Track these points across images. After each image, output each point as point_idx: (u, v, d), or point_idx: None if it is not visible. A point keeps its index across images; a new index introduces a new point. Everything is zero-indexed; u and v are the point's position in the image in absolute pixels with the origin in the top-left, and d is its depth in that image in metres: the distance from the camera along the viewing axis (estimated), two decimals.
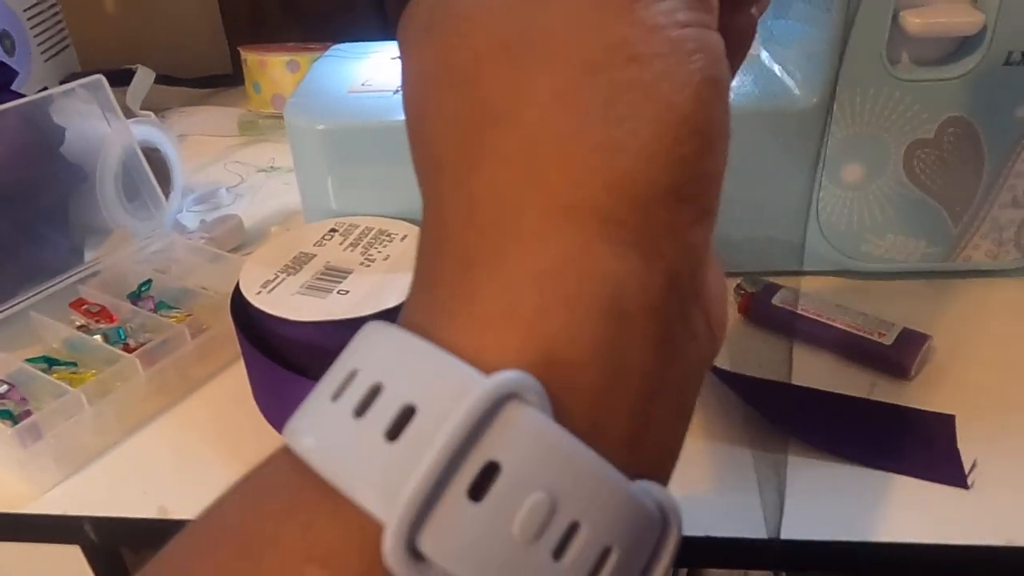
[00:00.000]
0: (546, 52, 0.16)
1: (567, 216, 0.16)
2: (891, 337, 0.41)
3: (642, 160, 0.16)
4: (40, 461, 0.37)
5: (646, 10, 0.16)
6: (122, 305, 0.46)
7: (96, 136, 0.51)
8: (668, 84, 0.16)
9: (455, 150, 0.17)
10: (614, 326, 0.16)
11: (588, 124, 0.16)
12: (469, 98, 0.17)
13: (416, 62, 0.18)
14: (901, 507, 0.33)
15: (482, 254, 0.16)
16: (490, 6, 0.17)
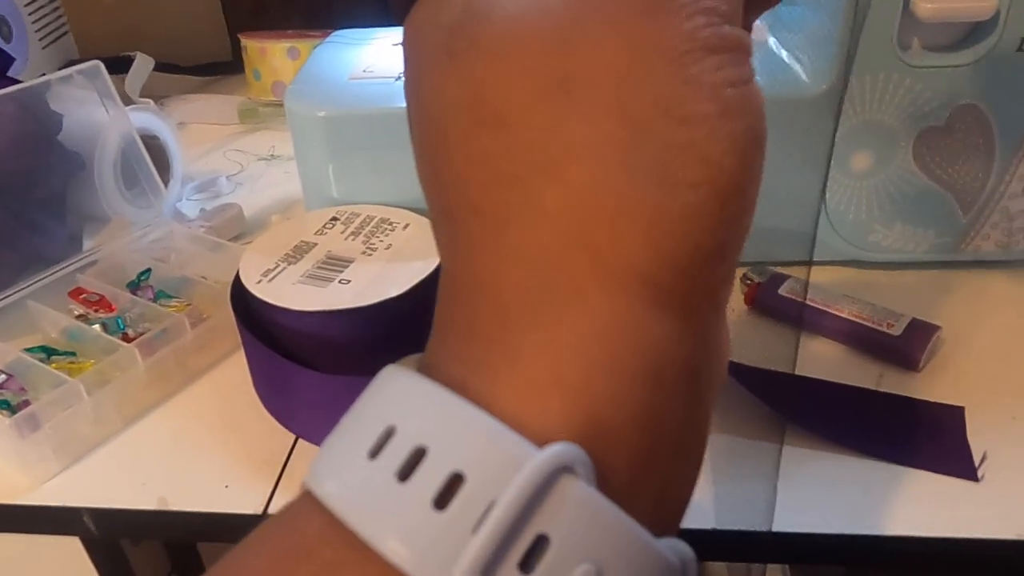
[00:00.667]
0: (589, 104, 0.16)
1: (612, 279, 0.16)
2: (900, 328, 0.40)
3: (689, 225, 0.16)
4: (38, 451, 0.36)
5: (696, 66, 0.16)
6: (121, 294, 0.45)
7: (94, 123, 0.51)
8: (717, 146, 0.16)
9: (492, 196, 0.17)
10: (654, 390, 0.16)
11: (636, 186, 0.16)
12: (504, 141, 0.16)
13: (436, 87, 0.17)
14: (910, 500, 0.33)
15: (523, 311, 0.16)
16: (527, 42, 0.16)
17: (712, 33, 0.16)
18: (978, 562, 0.32)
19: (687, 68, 0.16)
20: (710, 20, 0.16)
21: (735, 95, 0.16)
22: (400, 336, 0.39)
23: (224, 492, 0.36)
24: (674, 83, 0.16)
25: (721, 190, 0.16)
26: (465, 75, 0.17)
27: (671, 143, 0.16)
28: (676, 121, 0.16)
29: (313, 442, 0.38)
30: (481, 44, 0.17)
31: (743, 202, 0.16)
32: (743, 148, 0.16)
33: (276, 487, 0.36)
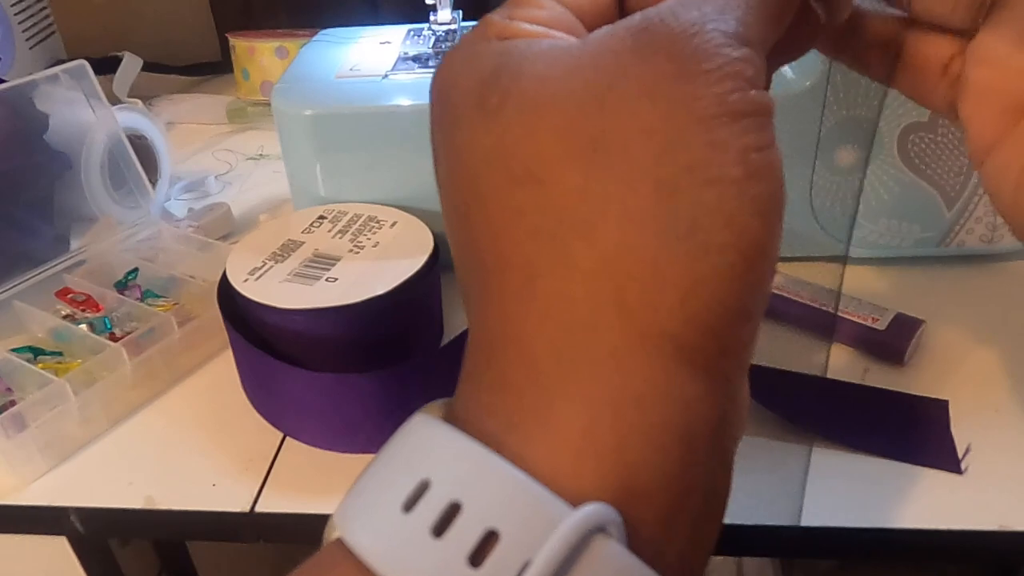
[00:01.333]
0: (622, 165, 0.16)
1: (644, 340, 0.16)
2: (884, 322, 0.40)
3: (719, 288, 0.16)
4: (24, 452, 0.36)
5: (724, 130, 0.16)
6: (108, 294, 0.45)
7: (81, 123, 0.51)
8: (744, 209, 0.16)
9: (526, 250, 0.17)
10: (685, 451, 0.16)
11: (667, 248, 0.16)
12: (536, 198, 0.17)
13: (468, 142, 0.18)
14: (894, 492, 0.33)
15: (555, 368, 0.16)
16: (559, 102, 0.17)
17: (739, 98, 0.16)
18: (961, 553, 0.32)
19: (715, 131, 0.16)
20: (737, 84, 0.16)
21: (760, 159, 0.16)
22: (387, 334, 0.39)
23: (212, 491, 0.36)
24: (703, 146, 0.16)
25: (747, 252, 0.16)
26: (498, 131, 0.17)
27: (700, 205, 0.16)
28: (705, 184, 0.16)
29: (300, 440, 0.38)
30: (514, 100, 0.17)
31: (767, 264, 0.17)
32: (767, 211, 0.16)
33: (263, 485, 0.36)
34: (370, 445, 0.37)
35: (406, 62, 0.49)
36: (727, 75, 0.16)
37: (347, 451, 0.37)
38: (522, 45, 0.18)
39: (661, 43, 0.17)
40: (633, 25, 0.17)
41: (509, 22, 0.19)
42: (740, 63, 0.16)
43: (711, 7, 0.17)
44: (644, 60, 0.17)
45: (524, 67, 0.17)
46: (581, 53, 0.17)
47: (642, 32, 0.17)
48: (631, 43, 0.17)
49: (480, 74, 0.18)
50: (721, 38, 0.17)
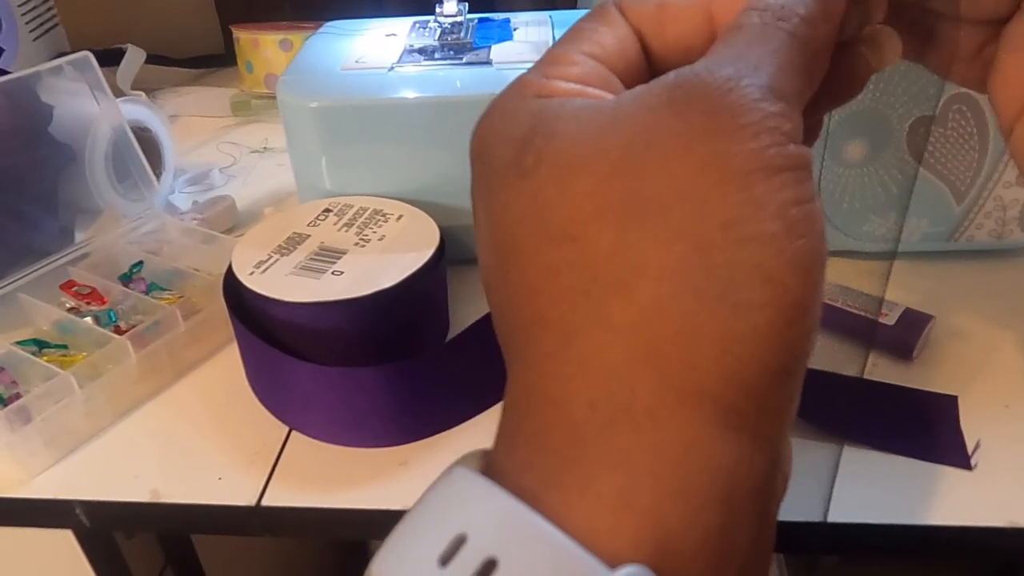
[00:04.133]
0: (656, 223, 0.16)
1: (681, 400, 0.16)
2: (893, 317, 0.40)
3: (757, 347, 0.16)
4: (29, 444, 0.36)
5: (760, 186, 0.16)
6: (113, 287, 0.45)
7: (85, 115, 0.50)
8: (783, 266, 0.16)
9: (561, 309, 0.17)
10: (725, 514, 0.16)
11: (704, 306, 0.16)
12: (572, 257, 0.17)
13: (505, 203, 0.18)
14: (903, 488, 0.33)
15: (593, 427, 0.16)
16: (592, 161, 0.17)
17: (777, 152, 0.16)
18: (970, 549, 0.32)
19: (752, 188, 0.16)
20: (774, 139, 0.16)
21: (799, 214, 0.16)
22: (394, 327, 0.39)
23: (217, 484, 0.35)
24: (739, 203, 0.16)
25: (786, 310, 0.16)
26: (533, 191, 0.17)
27: (737, 263, 0.16)
28: (741, 241, 0.16)
29: (306, 433, 0.38)
30: (549, 161, 0.17)
31: (808, 321, 0.16)
32: (807, 268, 0.16)
33: (270, 479, 0.35)
34: (376, 439, 0.37)
35: (412, 54, 0.49)
36: (763, 130, 0.16)
37: (353, 445, 0.37)
38: (556, 104, 0.18)
39: (696, 100, 0.16)
40: (668, 82, 0.17)
41: (544, 80, 0.19)
42: (776, 118, 0.16)
43: (745, 63, 0.17)
44: (679, 117, 0.16)
45: (558, 127, 0.17)
46: (615, 111, 0.17)
47: (676, 88, 0.17)
48: (666, 99, 0.17)
49: (515, 134, 0.18)
50: (757, 92, 0.16)
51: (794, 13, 0.18)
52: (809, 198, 0.16)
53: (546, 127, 0.18)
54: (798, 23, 0.18)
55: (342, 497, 0.34)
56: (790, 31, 0.18)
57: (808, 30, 0.18)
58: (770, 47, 0.18)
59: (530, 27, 0.52)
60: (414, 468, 0.36)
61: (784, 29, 0.18)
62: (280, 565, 0.70)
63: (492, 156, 0.18)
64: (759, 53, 0.17)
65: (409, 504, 0.34)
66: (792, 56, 0.18)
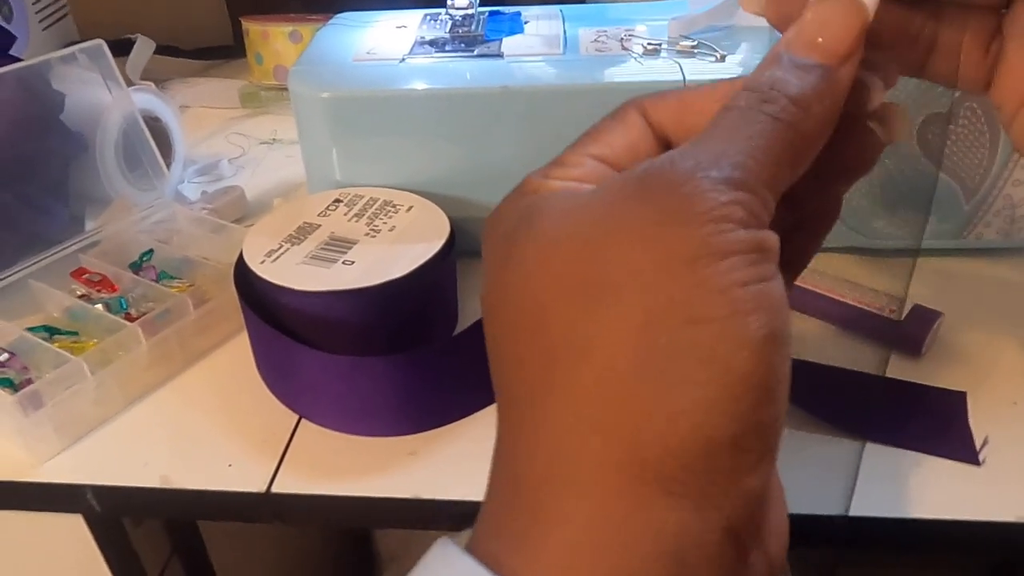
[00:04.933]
0: (609, 303, 0.17)
1: (624, 470, 0.17)
2: (902, 313, 0.40)
3: (699, 421, 0.17)
4: (41, 430, 0.36)
5: (706, 270, 0.17)
6: (123, 274, 0.45)
7: (96, 104, 0.50)
8: (725, 346, 0.17)
9: (521, 389, 0.19)
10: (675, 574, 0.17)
11: (647, 383, 0.17)
12: (537, 337, 0.18)
13: (495, 287, 0.20)
14: (912, 483, 0.33)
15: (547, 498, 0.18)
16: (558, 248, 0.18)
17: (723, 239, 0.17)
18: (979, 544, 0.32)
19: (699, 272, 0.17)
20: (721, 227, 0.17)
21: (746, 295, 0.17)
22: (403, 317, 0.39)
23: (227, 471, 0.36)
24: (687, 286, 0.17)
25: (731, 387, 0.17)
26: (514, 276, 0.19)
27: (680, 342, 0.17)
28: (686, 322, 0.17)
29: (316, 422, 0.38)
30: (521, 250, 0.19)
31: (759, 396, 0.17)
32: (755, 346, 0.17)
33: (279, 466, 0.36)
34: (385, 428, 0.37)
35: (423, 46, 0.49)
36: (713, 218, 0.17)
37: (362, 434, 0.37)
38: (542, 198, 0.20)
39: (656, 191, 0.18)
40: (636, 172, 0.18)
41: (544, 180, 0.20)
42: (728, 206, 0.17)
43: (707, 155, 0.18)
44: (640, 205, 0.18)
45: (536, 218, 0.19)
46: (588, 200, 0.19)
47: (640, 180, 0.18)
48: (630, 190, 0.18)
49: (505, 227, 0.20)
50: (709, 184, 0.17)
51: (782, 95, 0.19)
52: (760, 279, 0.17)
53: (527, 219, 0.19)
54: (785, 105, 0.19)
55: (351, 486, 0.35)
56: (774, 115, 0.19)
57: (796, 112, 0.19)
58: (745, 134, 0.18)
59: (541, 20, 0.52)
60: (423, 458, 0.36)
61: (767, 113, 0.19)
62: (286, 553, 0.70)
63: (487, 251, 0.20)
64: (730, 140, 0.18)
65: (418, 493, 0.34)
66: (770, 142, 0.18)
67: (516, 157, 0.44)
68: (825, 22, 0.20)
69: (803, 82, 0.19)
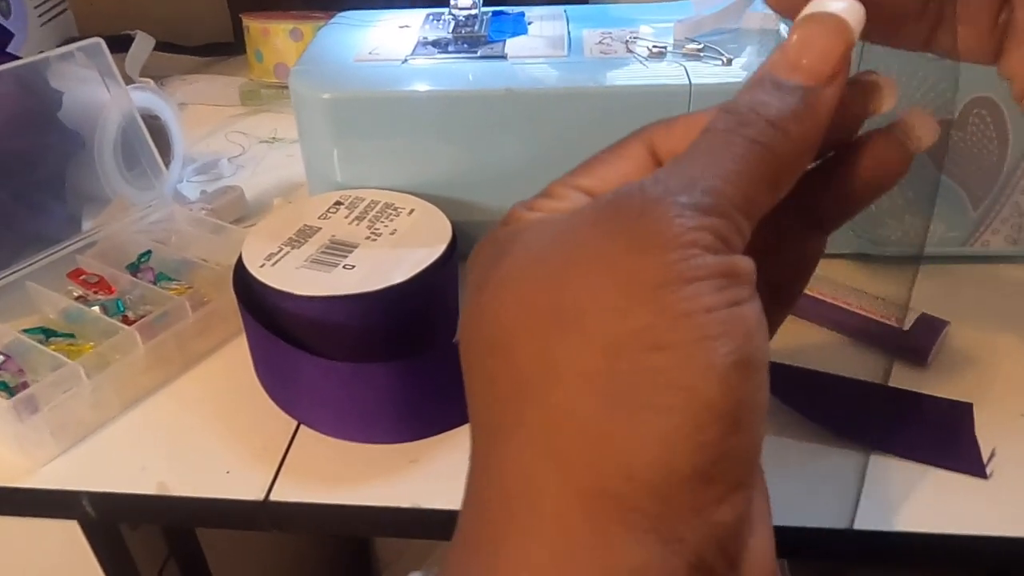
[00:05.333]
0: (574, 331, 0.17)
1: (586, 501, 0.16)
2: (908, 322, 0.40)
3: (661, 449, 0.16)
4: (37, 434, 0.36)
5: (671, 295, 0.16)
6: (121, 276, 0.45)
7: (95, 102, 0.50)
8: (690, 372, 0.16)
9: (489, 416, 0.18)
10: None
11: (609, 411, 0.16)
12: (503, 364, 0.18)
13: (468, 317, 0.19)
14: (917, 496, 0.32)
15: (511, 530, 0.17)
16: (525, 276, 0.18)
17: (689, 265, 0.17)
18: (985, 559, 0.32)
19: (663, 298, 0.16)
20: (688, 253, 0.17)
21: (712, 320, 0.16)
22: (404, 323, 0.38)
23: (225, 478, 0.35)
24: (651, 313, 0.16)
25: (696, 415, 0.16)
26: (481, 308, 0.19)
27: (643, 369, 0.16)
28: (650, 348, 0.16)
29: (315, 428, 0.37)
30: (494, 278, 0.19)
31: (726, 425, 0.16)
32: (722, 373, 0.16)
33: (278, 474, 0.35)
34: (385, 435, 0.37)
35: (426, 47, 0.48)
36: (680, 244, 0.17)
37: (362, 441, 0.37)
38: (520, 228, 0.20)
39: (623, 216, 0.17)
40: (605, 199, 0.18)
41: (527, 211, 0.20)
42: (695, 231, 0.17)
43: (678, 180, 0.18)
44: (606, 233, 0.17)
45: (510, 246, 0.19)
46: (557, 226, 0.19)
47: (609, 205, 0.18)
48: (598, 216, 0.18)
49: (484, 257, 0.20)
50: (677, 210, 0.17)
51: (760, 117, 0.18)
52: (728, 304, 0.17)
53: (503, 249, 0.19)
54: (763, 128, 0.18)
55: (351, 493, 0.34)
56: (752, 138, 0.18)
57: (774, 134, 0.18)
58: (721, 157, 0.18)
59: (545, 21, 0.52)
60: (423, 465, 0.35)
61: (745, 136, 0.18)
62: (283, 558, 0.70)
63: (468, 281, 0.20)
64: (705, 164, 0.18)
65: (418, 502, 0.34)
66: (747, 165, 0.18)
67: (519, 160, 0.44)
68: (809, 43, 0.19)
69: (783, 104, 0.19)
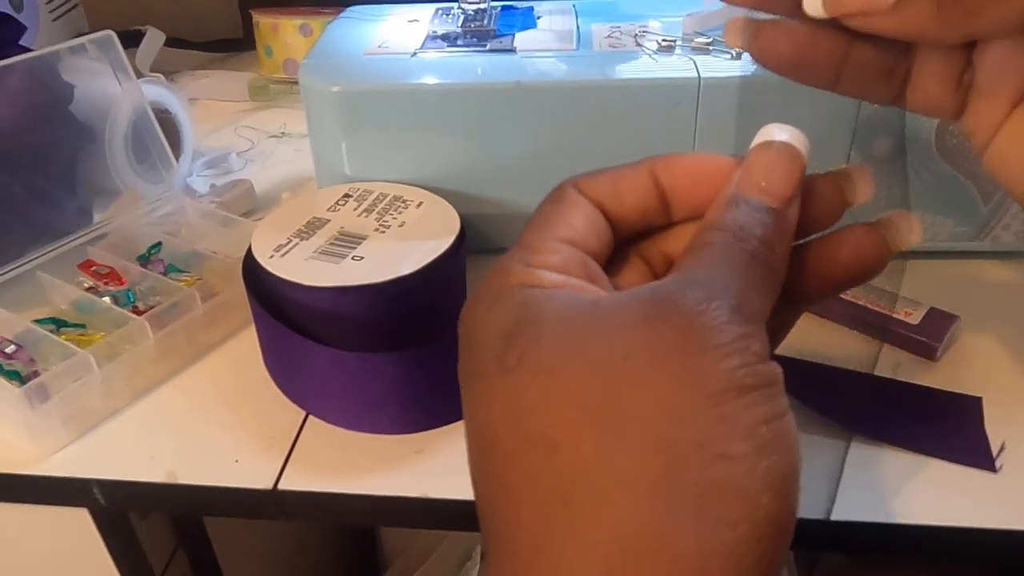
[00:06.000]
0: (635, 434, 0.17)
1: None
2: (918, 317, 0.40)
3: (728, 562, 0.16)
4: (48, 422, 0.36)
5: (730, 405, 0.16)
6: (131, 267, 0.45)
7: (106, 95, 0.50)
8: (754, 484, 0.16)
9: (537, 515, 0.17)
10: None
11: (678, 522, 0.16)
12: (551, 464, 0.17)
13: (486, 398, 0.18)
14: (927, 489, 0.32)
15: None
16: (575, 368, 0.17)
17: (746, 373, 0.17)
18: (994, 552, 0.32)
19: (723, 406, 0.16)
20: (744, 360, 0.17)
21: (769, 432, 0.17)
22: (412, 314, 0.39)
23: (234, 467, 0.35)
24: (711, 421, 0.16)
25: (759, 526, 0.16)
26: (515, 392, 0.18)
27: (709, 480, 0.16)
28: (715, 459, 0.16)
29: (324, 418, 0.38)
30: (532, 363, 0.18)
31: (781, 535, 0.17)
32: (779, 484, 0.16)
33: (286, 463, 0.35)
34: (392, 426, 0.37)
35: (435, 40, 0.48)
36: (733, 351, 0.17)
37: (369, 431, 0.37)
38: (541, 297, 0.19)
39: (671, 318, 0.17)
40: (644, 298, 0.18)
41: (528, 269, 0.20)
42: (745, 339, 0.17)
43: (714, 285, 0.18)
44: (655, 333, 0.17)
45: (544, 327, 0.18)
46: (598, 317, 0.18)
47: (652, 306, 0.18)
48: (643, 316, 0.18)
49: (501, 326, 0.19)
50: (726, 315, 0.17)
51: (752, 235, 0.20)
52: (779, 415, 0.17)
53: (532, 325, 0.18)
54: (757, 245, 0.19)
55: (359, 483, 0.34)
56: (751, 252, 0.19)
57: (766, 251, 0.20)
58: (735, 268, 0.19)
59: (554, 16, 0.52)
60: (430, 456, 0.36)
61: (745, 250, 0.19)
62: (289, 546, 0.70)
63: (478, 346, 0.19)
64: (725, 274, 0.19)
65: (425, 492, 0.34)
66: (756, 276, 0.19)
67: (528, 154, 0.44)
68: (769, 169, 0.21)
69: (765, 225, 0.20)
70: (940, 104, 0.25)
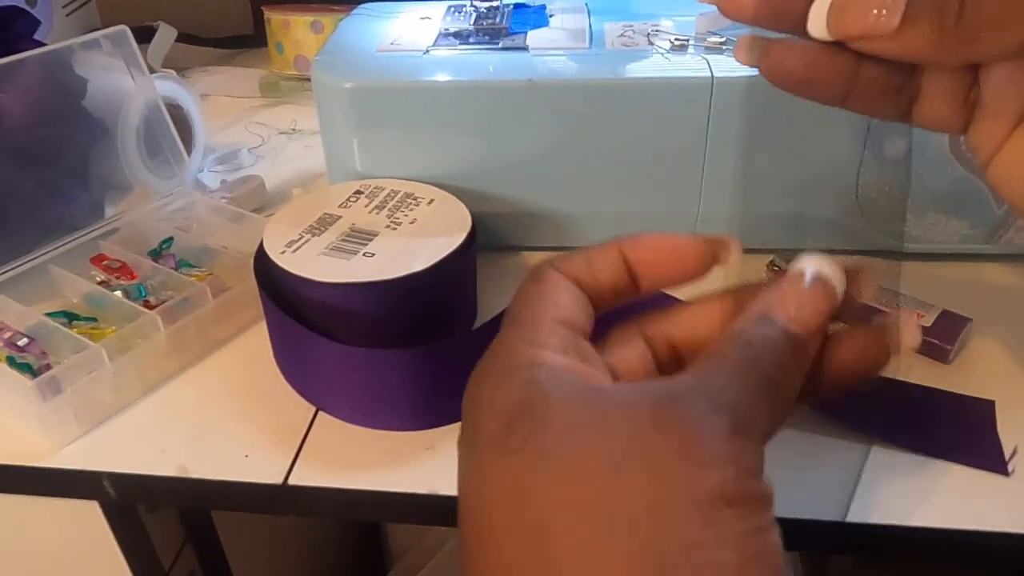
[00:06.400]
0: (624, 534, 0.17)
1: None
2: (930, 319, 0.39)
3: None
4: (59, 415, 0.36)
5: (720, 513, 0.17)
6: (143, 262, 0.45)
7: (118, 90, 0.50)
8: None
9: None
10: None
11: None
12: (541, 549, 0.17)
13: (485, 476, 0.19)
14: (939, 492, 0.32)
15: None
16: (576, 460, 0.18)
17: (738, 486, 0.17)
18: (1006, 556, 0.31)
19: (713, 515, 0.17)
20: (739, 472, 0.18)
21: (754, 544, 0.17)
22: (423, 311, 0.39)
23: (244, 461, 0.35)
24: (700, 528, 0.17)
25: None
26: (514, 474, 0.18)
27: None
28: (699, 567, 0.17)
29: (333, 414, 0.38)
30: (534, 447, 0.18)
31: None
32: None
33: (296, 458, 0.35)
34: (402, 422, 0.37)
35: (447, 38, 0.48)
36: (728, 463, 0.18)
37: (379, 427, 0.37)
38: (547, 381, 0.19)
39: (675, 423, 0.18)
40: (651, 399, 0.19)
41: (533, 349, 0.20)
42: (743, 454, 0.18)
43: (725, 398, 0.19)
44: (660, 435, 0.18)
45: (549, 413, 0.18)
46: (604, 412, 0.19)
47: (659, 408, 0.18)
48: (648, 417, 0.18)
49: (507, 405, 0.19)
50: (727, 430, 0.18)
51: (772, 357, 0.20)
52: (765, 528, 0.18)
53: (538, 409, 0.19)
54: (774, 369, 0.20)
55: (369, 479, 0.34)
56: (768, 375, 0.20)
57: (782, 376, 0.20)
58: (747, 386, 0.19)
59: (566, 14, 0.52)
60: (440, 453, 0.36)
61: (763, 371, 0.20)
62: (297, 541, 0.70)
63: (480, 422, 0.20)
64: (737, 390, 0.19)
65: (435, 489, 0.34)
66: (766, 398, 0.20)
67: (539, 152, 0.44)
68: (805, 302, 0.22)
69: (786, 350, 0.21)
70: (947, 120, 0.25)
